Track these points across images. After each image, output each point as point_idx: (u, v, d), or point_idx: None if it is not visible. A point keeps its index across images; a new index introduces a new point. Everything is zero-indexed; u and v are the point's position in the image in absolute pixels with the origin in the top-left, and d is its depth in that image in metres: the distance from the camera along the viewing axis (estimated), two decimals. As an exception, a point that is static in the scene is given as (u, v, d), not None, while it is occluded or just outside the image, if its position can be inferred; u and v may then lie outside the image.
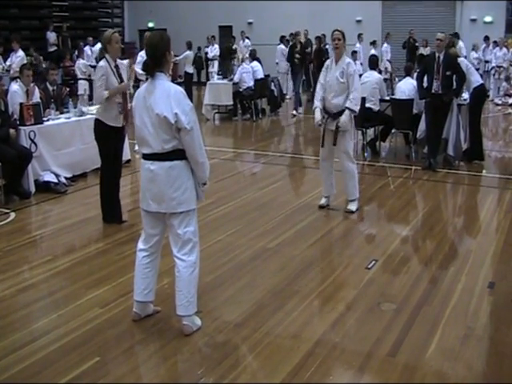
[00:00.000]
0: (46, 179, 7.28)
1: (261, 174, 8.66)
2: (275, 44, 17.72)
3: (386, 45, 17.70)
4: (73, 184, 7.63)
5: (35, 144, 7.19)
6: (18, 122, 7.16)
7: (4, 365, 3.49)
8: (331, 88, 6.15)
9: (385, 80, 10.35)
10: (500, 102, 15.54)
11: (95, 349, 3.65)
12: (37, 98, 7.69)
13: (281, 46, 17.08)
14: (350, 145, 6.38)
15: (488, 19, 18.69)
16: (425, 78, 8.16)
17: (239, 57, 15.18)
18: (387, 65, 16.43)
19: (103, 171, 6.09)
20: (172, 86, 3.63)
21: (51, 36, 18.72)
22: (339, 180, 6.54)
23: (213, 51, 18.43)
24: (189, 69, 15.55)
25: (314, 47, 15.99)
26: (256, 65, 13.51)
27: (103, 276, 4.76)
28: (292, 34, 15.78)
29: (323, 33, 16.27)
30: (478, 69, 15.31)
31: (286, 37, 17.26)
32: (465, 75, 8.13)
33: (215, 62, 18.32)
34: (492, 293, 4.45)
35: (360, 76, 7.54)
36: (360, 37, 17.29)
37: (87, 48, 16.48)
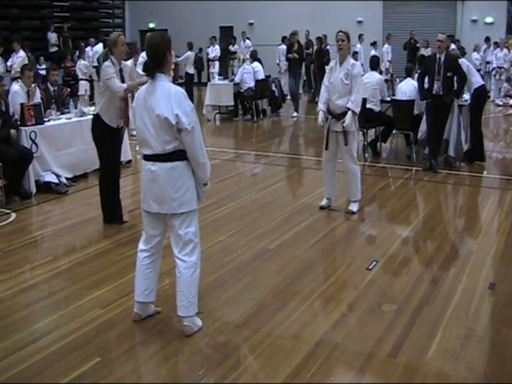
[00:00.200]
0: (47, 180, 7.29)
1: (262, 175, 8.66)
2: (276, 44, 17.71)
3: (387, 45, 17.72)
4: (74, 184, 7.63)
5: (36, 144, 7.19)
6: (19, 123, 7.16)
7: (5, 365, 3.49)
8: (335, 89, 6.15)
9: (385, 81, 10.36)
10: (501, 103, 15.55)
11: (96, 349, 3.65)
12: (38, 99, 7.70)
13: (282, 47, 17.06)
14: (354, 146, 6.37)
15: (489, 20, 18.70)
16: (426, 79, 8.16)
17: (240, 57, 15.18)
18: (388, 65, 16.45)
19: (102, 172, 6.09)
20: (172, 87, 3.63)
21: (52, 36, 18.75)
22: (340, 181, 6.54)
23: (213, 52, 18.44)
24: (190, 69, 15.55)
25: (315, 48, 16.00)
26: (257, 65, 13.50)
27: (104, 276, 4.76)
28: (291, 34, 15.79)
29: (324, 33, 16.29)
30: (480, 69, 15.33)
31: (288, 37, 17.26)
32: (466, 76, 8.14)
33: (216, 63, 18.34)
34: (493, 294, 4.44)
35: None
36: (361, 37, 17.31)
37: (88, 49, 16.49)
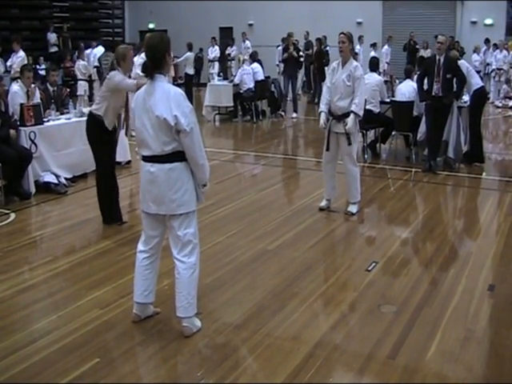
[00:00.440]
0: (46, 180, 7.29)
1: (261, 176, 8.66)
2: (276, 45, 17.73)
3: (387, 47, 17.74)
4: (73, 185, 7.63)
5: (35, 145, 7.19)
6: (19, 123, 7.16)
7: (4, 365, 3.49)
8: (337, 90, 6.14)
9: (385, 82, 10.36)
10: (500, 105, 15.57)
11: (95, 350, 3.65)
12: (37, 99, 7.70)
13: (281, 48, 17.06)
14: (354, 148, 6.36)
15: (488, 22, 18.71)
16: (425, 81, 8.17)
17: (240, 58, 15.18)
18: (386, 67, 16.45)
19: (99, 174, 6.07)
20: (171, 88, 3.63)
21: (52, 37, 18.76)
22: (340, 182, 6.55)
23: (213, 52, 18.44)
24: (189, 70, 15.55)
25: (315, 49, 16.01)
26: (256, 66, 13.51)
27: (103, 277, 4.76)
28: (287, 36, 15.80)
29: (324, 34, 16.30)
30: (479, 71, 15.33)
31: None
32: (465, 78, 8.14)
33: (215, 64, 18.34)
34: (492, 295, 4.45)
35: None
36: (360, 39, 17.32)
37: (89, 51, 16.40)
